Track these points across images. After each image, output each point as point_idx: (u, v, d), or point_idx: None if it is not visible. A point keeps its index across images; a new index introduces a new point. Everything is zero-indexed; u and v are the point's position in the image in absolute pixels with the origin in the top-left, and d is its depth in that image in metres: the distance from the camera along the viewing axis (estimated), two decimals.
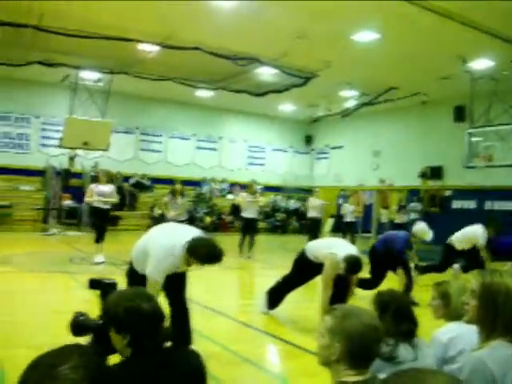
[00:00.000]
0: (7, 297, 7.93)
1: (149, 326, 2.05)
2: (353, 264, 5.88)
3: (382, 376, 1.92)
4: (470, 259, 9.58)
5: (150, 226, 17.50)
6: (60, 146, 16.70)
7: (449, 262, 9.94)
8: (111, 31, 12.65)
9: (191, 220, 19.58)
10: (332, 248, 6.26)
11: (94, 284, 2.45)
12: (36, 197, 18.57)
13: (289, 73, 15.56)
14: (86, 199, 10.86)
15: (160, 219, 11.34)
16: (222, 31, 12.84)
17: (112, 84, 16.80)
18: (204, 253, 4.13)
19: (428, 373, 1.56)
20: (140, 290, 2.19)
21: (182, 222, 10.53)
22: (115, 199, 10.97)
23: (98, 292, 2.42)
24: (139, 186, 20.45)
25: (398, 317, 2.72)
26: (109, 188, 10.81)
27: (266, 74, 16.18)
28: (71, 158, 19.30)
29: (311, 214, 15.63)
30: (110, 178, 11.31)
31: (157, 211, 11.06)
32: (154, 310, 2.08)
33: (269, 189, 23.39)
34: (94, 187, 10.77)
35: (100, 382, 1.41)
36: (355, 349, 1.89)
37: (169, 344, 2.13)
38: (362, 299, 6.45)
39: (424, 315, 3.16)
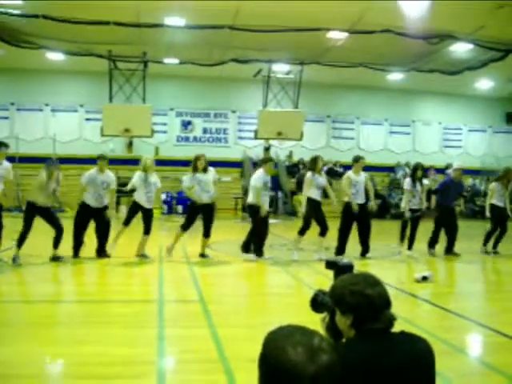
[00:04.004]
0: (220, 280, 8.59)
1: (371, 310, 2.07)
2: None
3: None
4: None
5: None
6: (255, 138, 17.44)
7: None
8: (300, 23, 12.86)
9: (387, 206, 19.30)
10: None
11: (330, 264, 2.53)
12: (234, 187, 19.61)
13: (486, 46, 14.55)
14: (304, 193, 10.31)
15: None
16: (411, 10, 12.38)
17: (303, 74, 17.09)
18: None
19: None
20: (368, 275, 2.20)
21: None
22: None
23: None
24: (332, 173, 20.61)
25: None
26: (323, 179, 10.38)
27: (461, 50, 15.31)
28: (266, 149, 20.06)
29: None
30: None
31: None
32: (378, 295, 2.09)
33: (467, 172, 22.14)
34: (312, 177, 10.17)
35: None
36: None
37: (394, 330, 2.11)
38: None
39: None
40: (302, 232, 10.15)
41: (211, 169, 9.93)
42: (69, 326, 5.57)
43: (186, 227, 9.86)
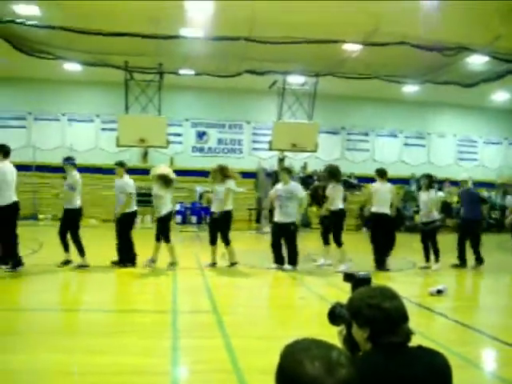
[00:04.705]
0: (234, 291, 8.60)
1: (388, 324, 2.07)
2: None
3: None
4: None
5: (360, 226, 17.22)
6: (270, 149, 17.46)
7: None
8: (316, 34, 12.90)
9: (401, 218, 19.22)
10: None
11: (348, 277, 2.54)
12: (249, 197, 19.62)
13: (502, 59, 14.47)
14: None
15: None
16: (427, 21, 12.36)
17: (317, 86, 17.11)
18: None
19: None
20: (385, 288, 2.21)
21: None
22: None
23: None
24: (347, 185, 20.55)
25: None
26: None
27: (477, 62, 15.24)
28: (281, 160, 20.05)
29: None
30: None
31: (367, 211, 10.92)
32: (395, 309, 2.09)
33: (482, 185, 22.02)
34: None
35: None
36: None
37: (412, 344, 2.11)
38: None
39: None
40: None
41: (230, 181, 10.16)
42: (83, 335, 5.60)
43: (210, 241, 10.22)
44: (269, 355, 4.80)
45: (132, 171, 10.15)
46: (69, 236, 9.49)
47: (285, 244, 10.09)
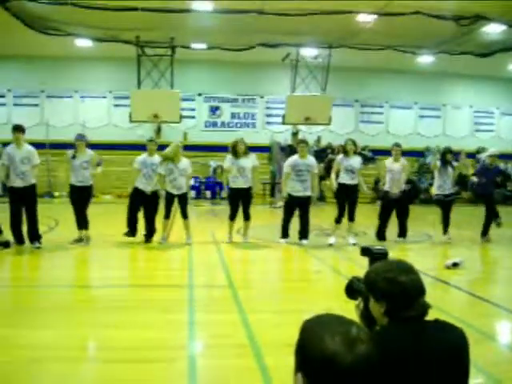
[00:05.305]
0: (249, 266, 8.67)
1: (405, 297, 2.06)
2: None
3: None
4: None
5: (374, 199, 16.98)
6: (283, 123, 17.37)
7: None
8: (329, 6, 12.70)
9: (415, 191, 19.10)
10: None
11: (365, 251, 2.53)
12: (262, 172, 19.58)
13: None
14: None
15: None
16: None
17: (331, 58, 16.92)
18: None
19: None
20: (402, 262, 2.19)
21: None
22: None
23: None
24: (361, 158, 20.41)
25: None
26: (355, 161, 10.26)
27: (493, 31, 14.95)
28: (294, 134, 19.94)
29: None
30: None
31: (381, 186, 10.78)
32: (412, 283, 2.07)
33: (499, 156, 21.73)
34: (341, 159, 10.26)
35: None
36: None
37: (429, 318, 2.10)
38: None
39: None
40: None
41: (252, 154, 10.07)
42: (100, 310, 5.65)
43: (231, 216, 10.14)
44: (285, 329, 4.85)
45: (145, 147, 10.13)
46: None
47: (299, 217, 10.06)
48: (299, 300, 6.29)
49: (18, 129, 8.93)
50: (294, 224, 10.17)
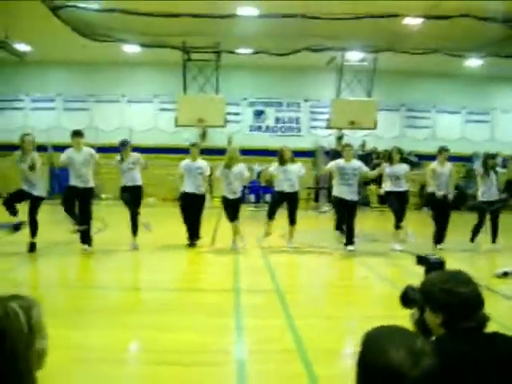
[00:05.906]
0: (296, 270, 8.65)
1: (463, 309, 2.02)
2: None
3: None
4: None
5: (420, 205, 16.71)
6: (327, 127, 17.30)
7: None
8: (375, 9, 12.60)
9: (463, 197, 18.73)
10: None
11: (421, 260, 2.51)
12: (307, 176, 19.49)
13: None
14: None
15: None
16: None
17: (376, 62, 16.77)
18: None
19: None
20: (460, 272, 2.15)
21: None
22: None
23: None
24: (406, 163, 20.13)
25: None
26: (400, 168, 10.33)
27: None
28: (339, 138, 19.85)
29: None
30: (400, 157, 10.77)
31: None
32: (470, 295, 2.03)
33: None
34: (386, 168, 10.31)
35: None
36: None
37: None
38: None
39: None
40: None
41: (298, 163, 10.11)
42: (148, 313, 5.72)
43: (269, 215, 10.18)
44: (332, 335, 4.82)
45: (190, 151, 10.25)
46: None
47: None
48: (346, 306, 6.24)
49: (78, 134, 9.23)
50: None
